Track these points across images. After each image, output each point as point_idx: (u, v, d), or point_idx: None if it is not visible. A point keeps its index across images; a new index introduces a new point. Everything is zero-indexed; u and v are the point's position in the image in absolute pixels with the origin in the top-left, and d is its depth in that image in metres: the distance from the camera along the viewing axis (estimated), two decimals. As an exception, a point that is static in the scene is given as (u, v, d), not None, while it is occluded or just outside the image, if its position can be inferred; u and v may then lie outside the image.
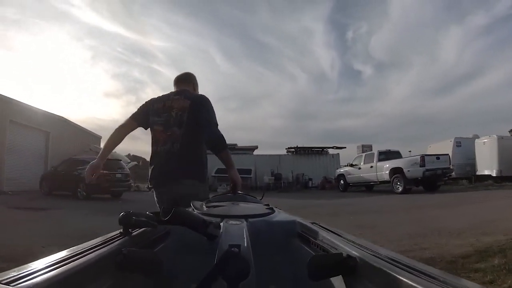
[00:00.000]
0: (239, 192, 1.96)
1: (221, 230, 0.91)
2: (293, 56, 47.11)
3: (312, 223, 1.15)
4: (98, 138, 23.87)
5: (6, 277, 0.51)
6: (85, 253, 0.68)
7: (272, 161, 24.08)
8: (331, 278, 0.76)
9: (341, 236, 0.92)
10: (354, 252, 0.73)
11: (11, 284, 0.49)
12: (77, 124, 21.15)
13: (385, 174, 14.97)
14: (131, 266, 0.72)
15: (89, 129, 23.16)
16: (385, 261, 0.64)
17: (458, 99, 48.78)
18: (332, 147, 25.40)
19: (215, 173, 19.00)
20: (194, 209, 1.26)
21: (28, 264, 0.58)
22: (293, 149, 24.91)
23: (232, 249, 0.69)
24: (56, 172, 13.90)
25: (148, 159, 2.07)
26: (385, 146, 24.22)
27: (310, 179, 22.89)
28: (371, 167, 15.95)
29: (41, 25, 37.04)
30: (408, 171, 13.74)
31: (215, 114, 2.12)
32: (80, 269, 0.60)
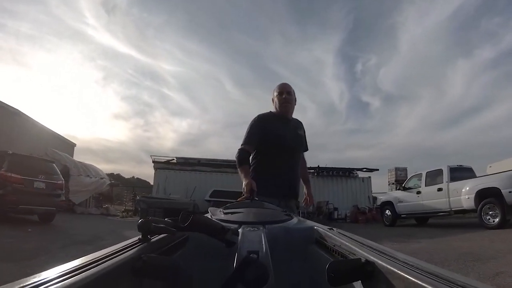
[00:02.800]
0: (256, 198, 1.92)
1: (239, 237, 0.90)
2: (303, 87, 47.31)
3: (330, 229, 1.13)
4: (70, 146, 20.27)
5: (23, 285, 0.50)
6: (103, 260, 0.66)
7: (284, 183, 19.08)
8: (350, 284, 0.76)
9: (358, 242, 0.91)
10: (372, 257, 0.72)
11: None
12: (38, 123, 17.33)
13: (465, 200, 9.47)
14: (150, 272, 0.72)
15: (95, 149, 19.96)
16: (403, 266, 0.64)
17: (465, 131, 48.99)
18: (362, 169, 20.20)
19: (210, 197, 14.81)
20: (212, 216, 1.27)
21: (46, 272, 0.58)
22: (313, 170, 19.42)
23: (251, 255, 0.70)
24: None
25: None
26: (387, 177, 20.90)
27: (336, 209, 17.70)
28: (439, 190, 10.52)
29: (55, 43, 38.71)
30: (511, 192, 8.26)
31: None
32: (99, 276, 0.59)
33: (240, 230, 0.96)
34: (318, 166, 19.42)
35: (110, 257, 0.69)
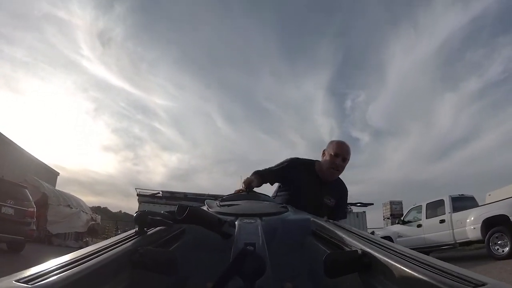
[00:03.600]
0: (253, 190, 1.88)
1: (235, 229, 0.90)
2: (293, 123, 47.62)
3: (326, 221, 1.13)
4: (53, 174, 19.69)
5: (23, 276, 0.51)
6: (101, 252, 0.67)
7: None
8: (347, 275, 0.75)
9: (355, 234, 0.91)
10: (369, 250, 0.72)
11: (30, 283, 0.48)
12: (19, 146, 16.58)
13: (471, 230, 8.87)
14: (147, 264, 0.72)
15: (82, 180, 19.70)
16: (400, 257, 0.64)
17: (453, 163, 48.76)
18: (356, 204, 19.39)
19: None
20: (209, 208, 1.25)
21: (45, 263, 0.58)
22: (307, 206, 18.72)
23: (248, 247, 0.69)
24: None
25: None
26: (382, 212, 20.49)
27: None
28: (442, 221, 9.92)
29: (49, 71, 38.92)
30: (521, 220, 7.66)
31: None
32: (97, 268, 0.59)
33: (236, 222, 0.95)
34: (311, 201, 18.76)
35: (108, 250, 0.69)
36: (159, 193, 18.46)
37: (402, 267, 0.58)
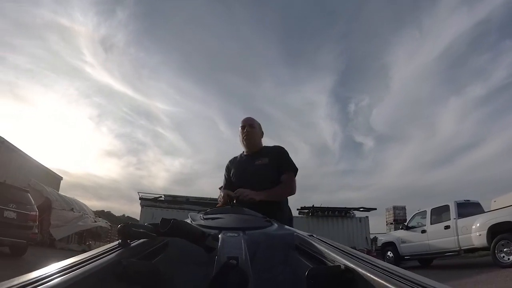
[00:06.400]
0: (235, 203, 1.91)
1: (219, 242, 0.88)
2: (295, 128, 46.53)
3: (310, 235, 1.14)
4: (56, 179, 19.76)
5: None
6: (83, 264, 0.66)
7: (280, 224, 18.09)
8: None
9: (338, 249, 0.92)
10: (352, 265, 0.72)
11: None
12: (22, 151, 16.55)
13: (476, 237, 8.70)
14: (130, 277, 0.72)
15: (86, 185, 19.83)
16: (383, 273, 0.64)
17: (457, 169, 48.72)
18: (359, 209, 19.08)
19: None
20: (192, 221, 1.25)
21: (26, 275, 0.57)
22: (308, 210, 18.56)
23: (231, 261, 0.69)
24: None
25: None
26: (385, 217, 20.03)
27: None
28: (446, 227, 9.77)
29: (52, 78, 38.93)
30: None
31: None
32: (79, 280, 0.58)
33: (220, 236, 0.95)
34: (313, 206, 18.53)
35: (89, 262, 0.69)
36: (161, 197, 18.42)
37: (384, 283, 0.58)
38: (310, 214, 18.44)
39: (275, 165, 2.28)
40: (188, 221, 1.24)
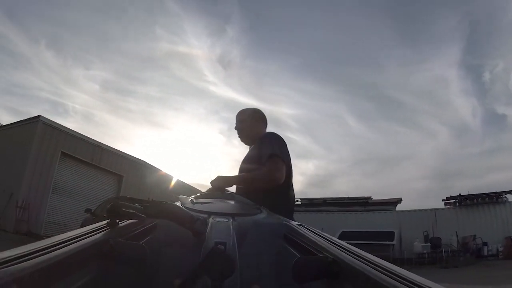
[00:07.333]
0: (227, 190, 1.84)
1: (207, 227, 0.89)
2: (429, 110, 41.94)
3: (299, 225, 1.14)
4: (194, 192, 20.59)
5: None
6: (71, 242, 0.65)
7: (425, 219, 16.96)
8: (315, 281, 0.75)
9: (327, 239, 0.92)
10: (339, 256, 0.73)
11: None
12: (164, 172, 18.59)
13: None
14: (117, 256, 0.72)
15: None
16: (370, 266, 0.64)
17: None
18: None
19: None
20: (182, 205, 1.22)
21: (10, 250, 0.55)
22: (455, 199, 16.79)
23: (218, 246, 0.71)
24: (95, 216, 9.46)
25: None
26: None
27: (485, 244, 14.68)
28: None
29: (181, 101, 42.84)
30: None
31: None
32: (66, 257, 0.59)
33: (209, 221, 0.95)
34: (460, 194, 16.80)
35: (77, 240, 0.68)
36: (297, 200, 18.14)
37: (370, 276, 0.59)
38: (458, 204, 16.84)
39: (258, 155, 2.03)
40: (178, 204, 1.21)
